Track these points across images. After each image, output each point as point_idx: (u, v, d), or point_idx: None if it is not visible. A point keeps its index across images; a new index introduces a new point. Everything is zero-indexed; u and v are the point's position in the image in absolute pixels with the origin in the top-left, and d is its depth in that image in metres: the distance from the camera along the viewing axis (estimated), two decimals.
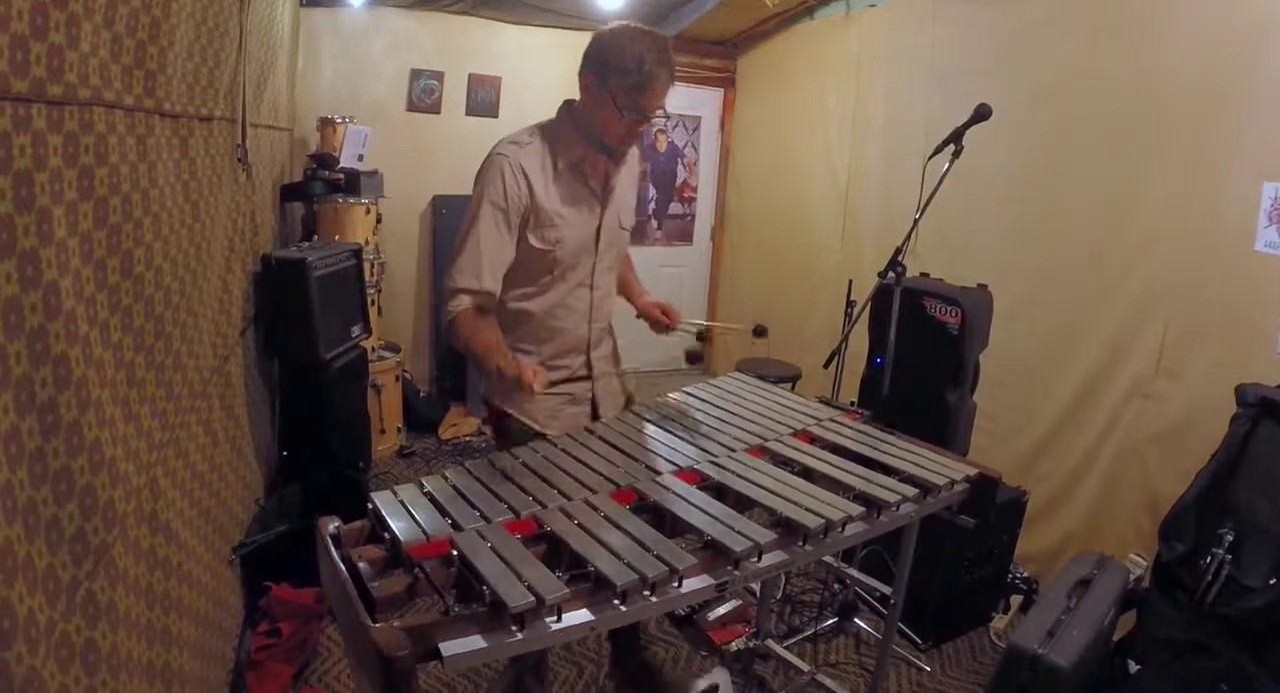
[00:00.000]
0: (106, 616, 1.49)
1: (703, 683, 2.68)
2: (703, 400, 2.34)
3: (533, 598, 1.24)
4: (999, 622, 3.26)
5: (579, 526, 1.52)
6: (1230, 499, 2.52)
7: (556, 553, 1.48)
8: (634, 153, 2.38)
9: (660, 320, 2.40)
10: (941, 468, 1.96)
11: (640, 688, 2.82)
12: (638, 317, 2.50)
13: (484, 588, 1.26)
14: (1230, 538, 2.44)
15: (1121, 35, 3.17)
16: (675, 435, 2.05)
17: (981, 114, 2.38)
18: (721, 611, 3.19)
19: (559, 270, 2.22)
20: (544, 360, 2.27)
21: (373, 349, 4.44)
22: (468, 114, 5.43)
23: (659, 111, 2.12)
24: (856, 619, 3.20)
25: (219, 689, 2.35)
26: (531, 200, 2.11)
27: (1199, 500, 2.58)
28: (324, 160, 4.30)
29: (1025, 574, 3.44)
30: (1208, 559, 2.46)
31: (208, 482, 2.45)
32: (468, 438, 5.07)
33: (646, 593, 1.39)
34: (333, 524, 1.48)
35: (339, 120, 4.51)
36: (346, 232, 4.28)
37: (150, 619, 1.76)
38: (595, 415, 2.36)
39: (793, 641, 3.11)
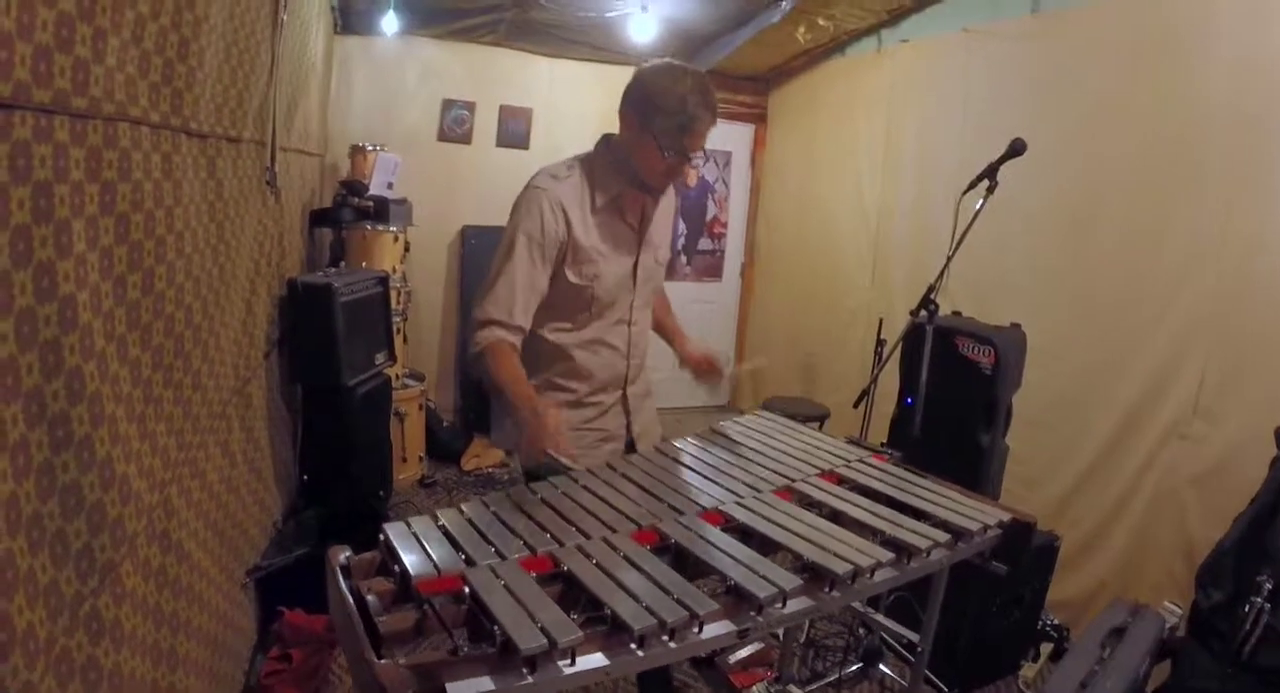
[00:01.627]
0: (111, 633, 1.46)
1: None
2: (729, 439, 2.28)
3: (545, 641, 1.18)
4: (1028, 671, 3.16)
5: (597, 565, 1.47)
6: (1270, 545, 2.41)
7: (573, 593, 1.43)
8: (670, 190, 2.36)
9: (707, 375, 2.37)
10: (974, 512, 1.89)
11: None
12: (681, 366, 2.45)
13: (495, 628, 1.21)
14: (1270, 586, 2.33)
15: (1156, 66, 3.13)
16: (700, 475, 2.00)
17: (1016, 149, 2.34)
18: (743, 653, 3.11)
19: (597, 307, 2.19)
20: (580, 397, 2.24)
21: (397, 377, 4.42)
22: (498, 145, 5.46)
23: (699, 152, 2.09)
24: (881, 665, 3.11)
25: None
26: (569, 236, 2.08)
27: (1237, 546, 2.48)
28: (354, 187, 4.33)
29: (1056, 622, 3.33)
30: (1246, 608, 2.35)
31: (224, 503, 2.43)
32: (490, 469, 5.03)
33: (665, 639, 1.33)
34: (343, 554, 1.43)
35: (370, 148, 4.55)
36: (374, 259, 4.29)
37: (157, 639, 1.73)
38: (631, 451, 2.32)
39: (815, 686, 3.01)
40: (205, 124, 2.12)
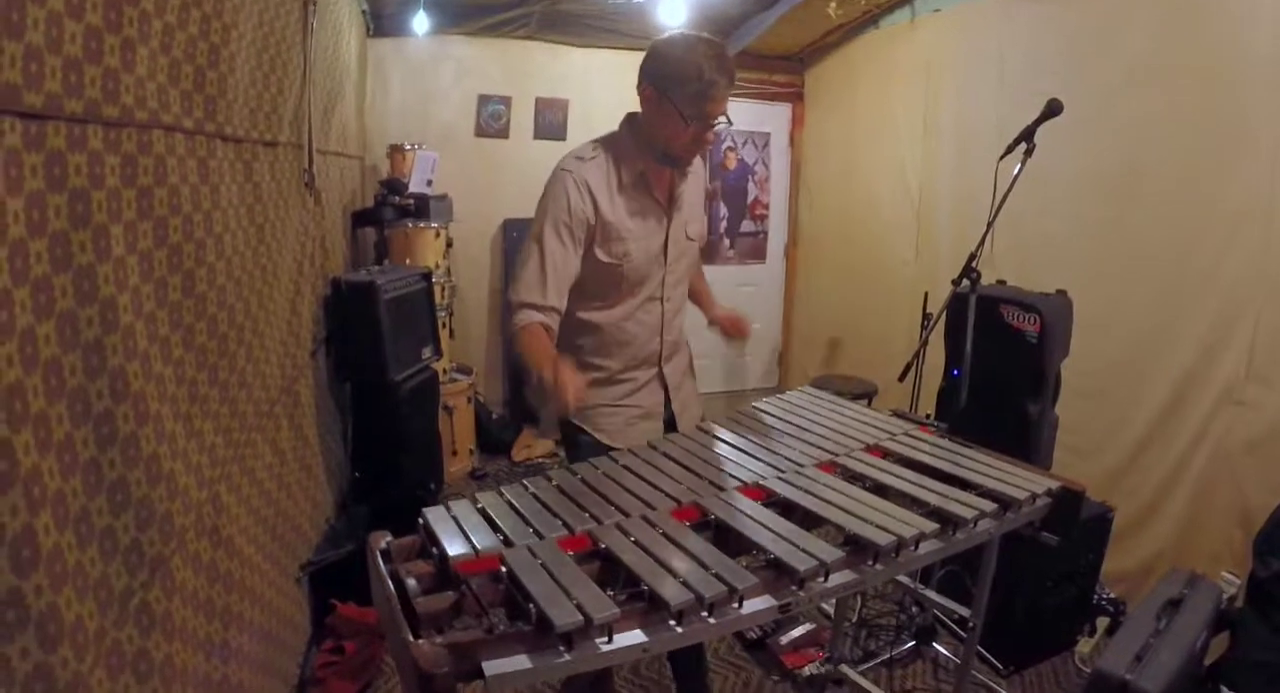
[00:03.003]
0: (161, 626, 1.50)
1: None
2: (772, 415, 2.27)
3: (581, 618, 1.19)
4: (1084, 646, 3.11)
5: (635, 543, 1.47)
6: None
7: (611, 571, 1.43)
8: (698, 164, 2.35)
9: (732, 331, 2.40)
10: (1021, 481, 1.85)
11: None
12: (709, 326, 2.47)
13: (531, 606, 1.22)
14: None
15: (1196, 22, 3.04)
16: (741, 451, 1.99)
17: (1053, 110, 2.28)
18: (795, 634, 3.10)
19: (628, 285, 2.20)
20: (613, 374, 2.25)
21: (444, 371, 4.47)
22: (536, 138, 5.48)
23: (722, 117, 2.09)
24: (934, 643, 3.08)
25: None
26: (597, 215, 2.10)
27: None
28: (394, 186, 4.38)
29: (1112, 595, 3.27)
30: None
31: (275, 500, 2.48)
32: (541, 459, 5.07)
33: (704, 614, 1.33)
34: (384, 540, 1.46)
35: (408, 147, 4.60)
36: (417, 255, 4.34)
37: (209, 632, 1.77)
38: (672, 430, 2.32)
39: (868, 666, 3.00)
40: (240, 129, 2.16)
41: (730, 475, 1.82)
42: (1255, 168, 2.81)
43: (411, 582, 1.32)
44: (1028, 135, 2.30)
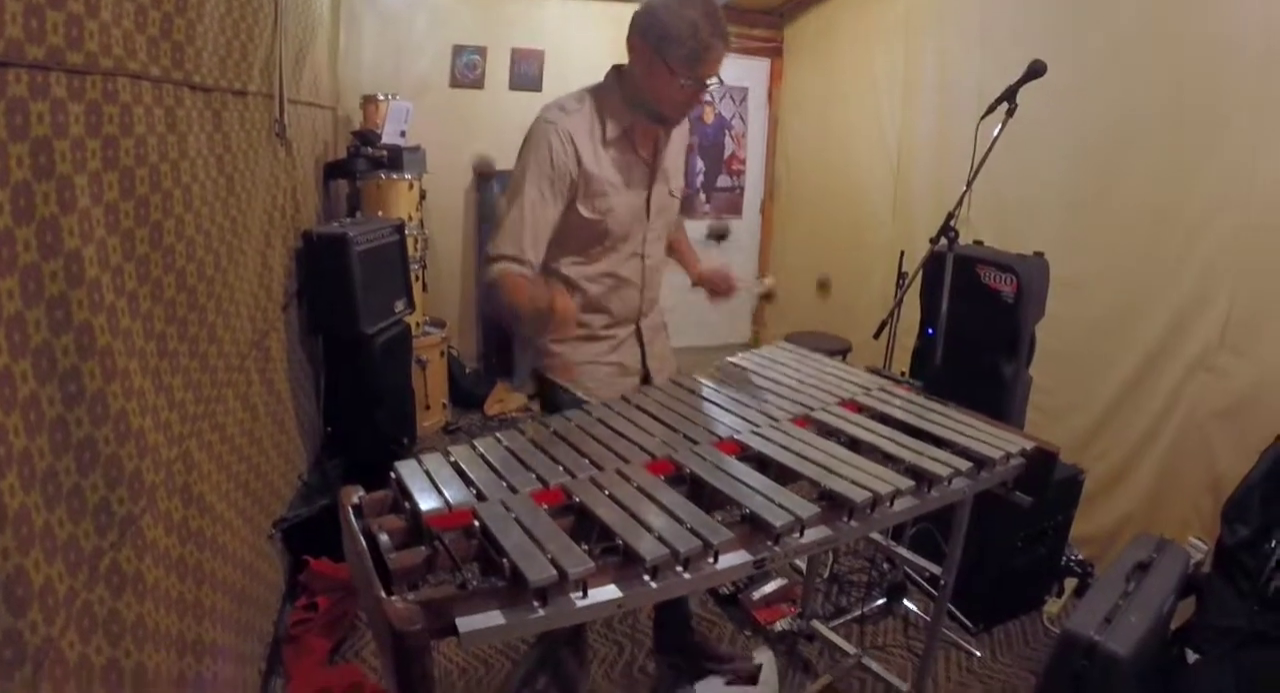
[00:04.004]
0: (133, 586, 1.49)
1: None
2: (746, 370, 2.26)
3: (555, 572, 1.18)
4: (1053, 606, 3.17)
5: (610, 496, 1.46)
6: None
7: (585, 525, 1.42)
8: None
9: (719, 288, 2.38)
10: (996, 440, 1.86)
11: (684, 668, 2.77)
12: (694, 285, 2.44)
13: (505, 561, 1.21)
14: None
15: None
16: (716, 405, 1.98)
17: (1035, 71, 2.27)
18: (767, 589, 3.14)
19: (610, 240, 2.17)
20: (595, 331, 2.24)
21: (417, 325, 4.44)
22: (511, 88, 5.40)
23: (714, 79, 2.05)
24: (905, 601, 3.13)
25: (255, 663, 2.35)
26: (579, 169, 2.06)
27: (1265, 481, 2.45)
28: (366, 137, 4.30)
29: (1080, 557, 3.33)
30: (1273, 544, 2.33)
31: (246, 456, 2.46)
32: (514, 414, 5.06)
33: (679, 569, 1.32)
34: (356, 495, 1.44)
35: (381, 97, 4.52)
36: (390, 208, 4.28)
37: (181, 592, 1.76)
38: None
39: (839, 622, 3.04)
40: (209, 77, 2.11)
41: (705, 430, 1.81)
42: (1237, 140, 2.81)
43: (384, 537, 1.31)
44: (1010, 95, 2.29)
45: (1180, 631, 2.51)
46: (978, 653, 2.91)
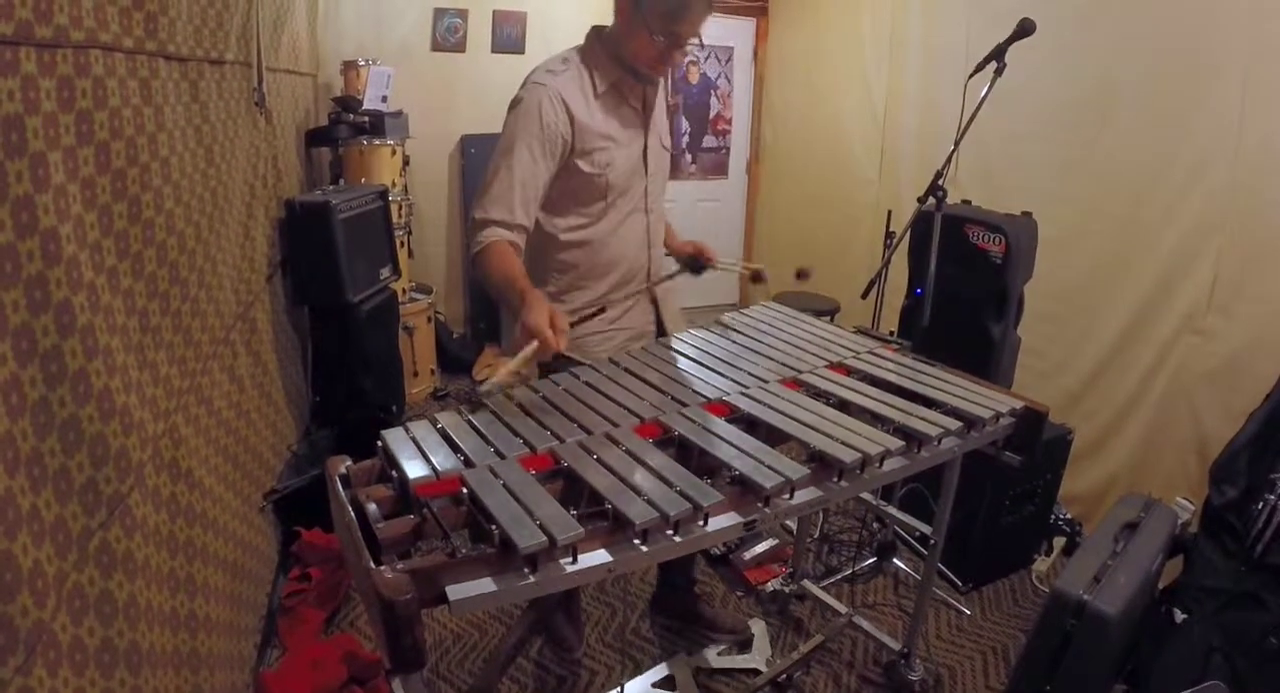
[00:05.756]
0: (123, 565, 1.48)
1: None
2: (735, 331, 2.25)
3: (544, 538, 1.18)
4: (1041, 564, 3.20)
5: (598, 461, 1.46)
6: None
7: (574, 490, 1.43)
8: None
9: (697, 257, 2.31)
10: (986, 401, 1.87)
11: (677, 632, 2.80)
12: (667, 254, 2.41)
13: (494, 528, 1.21)
14: None
15: None
16: (705, 366, 1.98)
17: (1025, 29, 2.25)
18: (758, 549, 3.16)
19: (612, 196, 2.14)
20: (604, 294, 2.21)
21: (404, 291, 4.43)
22: (493, 51, 5.32)
23: (694, 39, 2.03)
24: (895, 560, 3.16)
25: (250, 636, 2.36)
26: (573, 127, 2.03)
27: (1251, 443, 2.46)
28: (347, 103, 4.25)
29: (1069, 516, 3.36)
30: (1259, 506, 2.35)
31: (234, 429, 2.45)
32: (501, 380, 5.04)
33: (669, 532, 1.33)
34: (343, 465, 1.44)
35: (362, 63, 4.46)
36: (373, 174, 4.25)
37: (173, 568, 1.76)
38: None
39: (830, 581, 3.07)
40: (184, 47, 2.07)
41: (694, 391, 1.81)
42: (1226, 99, 2.78)
43: (372, 507, 1.31)
44: (998, 54, 2.27)
45: (1168, 590, 2.54)
46: (967, 611, 2.95)
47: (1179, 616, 2.42)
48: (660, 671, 2.51)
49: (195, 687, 1.79)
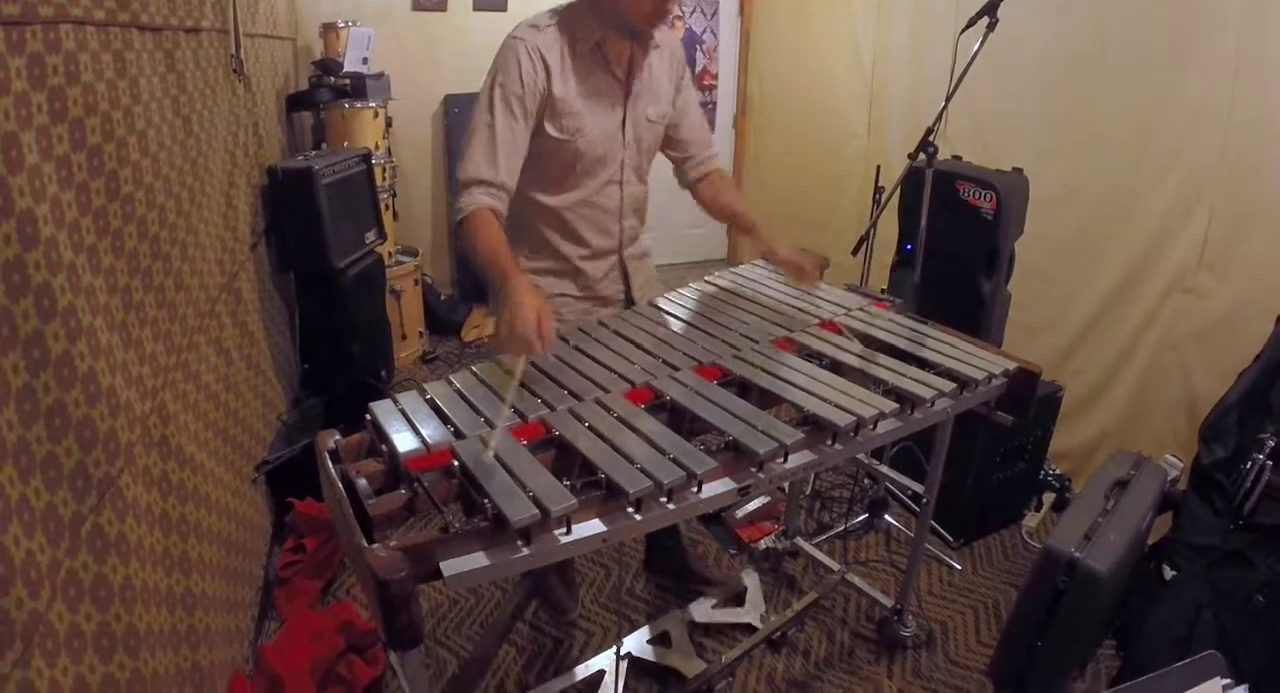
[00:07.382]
0: (116, 548, 1.48)
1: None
2: (723, 291, 2.24)
3: (537, 510, 1.18)
4: (1031, 520, 3.23)
5: (590, 428, 1.46)
6: (1274, 402, 2.39)
7: (566, 459, 1.42)
8: (676, 45, 2.25)
9: (807, 280, 2.23)
10: (979, 360, 1.87)
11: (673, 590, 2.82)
12: (767, 259, 2.34)
13: (486, 501, 1.21)
14: (1272, 443, 2.32)
15: None
16: (695, 328, 1.97)
17: None
18: (750, 507, 3.17)
19: (584, 165, 2.09)
20: (574, 263, 2.19)
21: (390, 255, 4.40)
22: (475, 9, 5.22)
23: None
24: (887, 516, 3.18)
25: (247, 610, 2.37)
26: (549, 87, 1.98)
27: (1241, 403, 2.46)
28: (328, 66, 4.19)
29: (1058, 471, 3.38)
30: (1248, 465, 2.36)
31: (223, 401, 2.44)
32: (491, 339, 5.04)
33: (663, 500, 1.33)
34: (332, 439, 1.43)
35: (341, 24, 4.37)
36: (355, 137, 4.19)
37: (167, 547, 1.76)
38: None
39: (822, 538, 3.10)
40: (157, 16, 2.03)
41: (684, 354, 1.80)
42: (1220, 55, 2.73)
43: (362, 482, 1.31)
44: (991, 9, 2.24)
45: (1157, 546, 2.56)
46: (959, 567, 2.98)
47: (1168, 572, 2.45)
48: (655, 627, 2.53)
49: (195, 664, 1.79)
